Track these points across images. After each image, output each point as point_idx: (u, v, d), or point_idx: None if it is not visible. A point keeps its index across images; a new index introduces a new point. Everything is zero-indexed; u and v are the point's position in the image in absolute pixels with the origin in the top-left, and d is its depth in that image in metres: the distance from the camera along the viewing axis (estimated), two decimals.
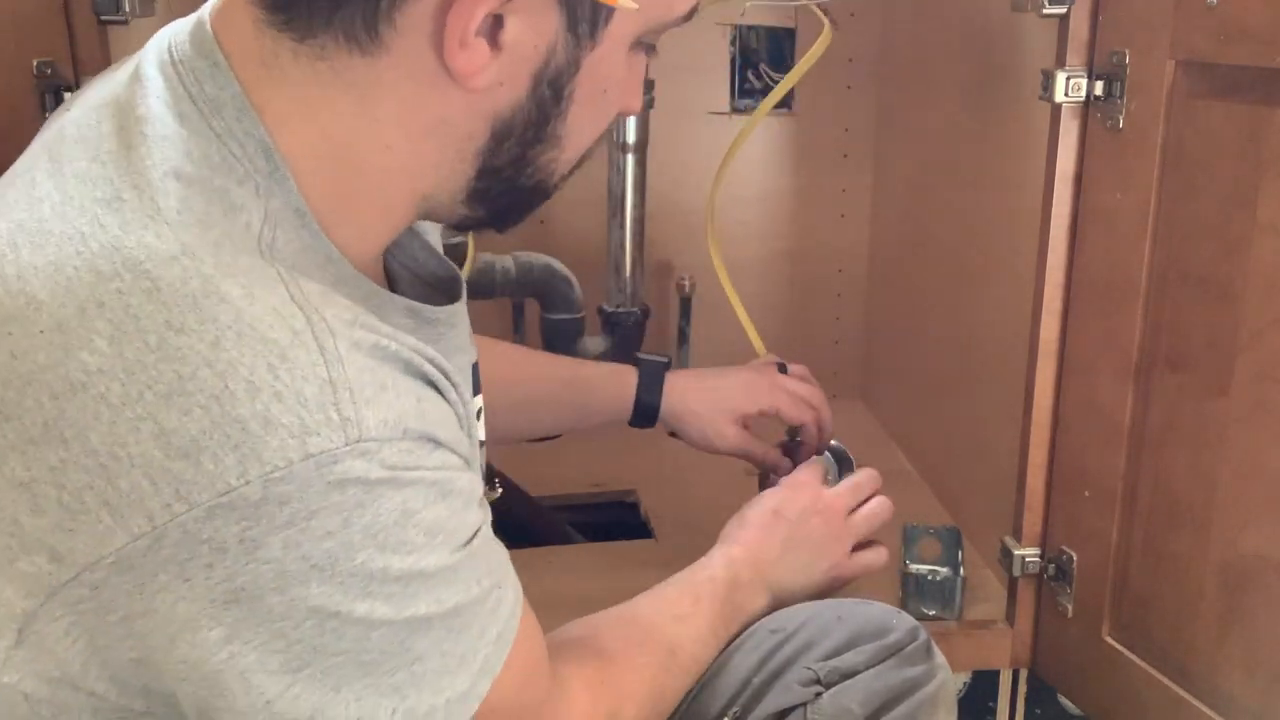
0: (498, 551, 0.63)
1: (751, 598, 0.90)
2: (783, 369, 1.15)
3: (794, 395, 1.11)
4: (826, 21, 1.17)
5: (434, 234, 0.78)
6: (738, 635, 0.87)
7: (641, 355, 1.10)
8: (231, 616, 0.52)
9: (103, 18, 1.06)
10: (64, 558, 0.51)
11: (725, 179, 1.26)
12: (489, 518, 0.63)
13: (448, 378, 0.60)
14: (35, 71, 1.06)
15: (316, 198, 0.59)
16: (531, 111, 0.61)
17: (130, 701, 0.56)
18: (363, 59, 0.57)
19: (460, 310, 0.72)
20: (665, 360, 1.09)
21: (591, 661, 0.76)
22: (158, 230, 0.53)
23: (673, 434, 1.12)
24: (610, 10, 0.60)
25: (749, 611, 0.89)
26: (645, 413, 1.08)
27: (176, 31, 0.61)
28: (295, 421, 0.50)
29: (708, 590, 0.87)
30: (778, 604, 0.91)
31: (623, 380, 1.08)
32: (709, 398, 1.09)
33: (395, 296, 0.64)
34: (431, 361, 0.59)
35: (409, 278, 0.74)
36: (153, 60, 0.60)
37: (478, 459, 0.63)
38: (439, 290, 0.74)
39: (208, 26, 0.59)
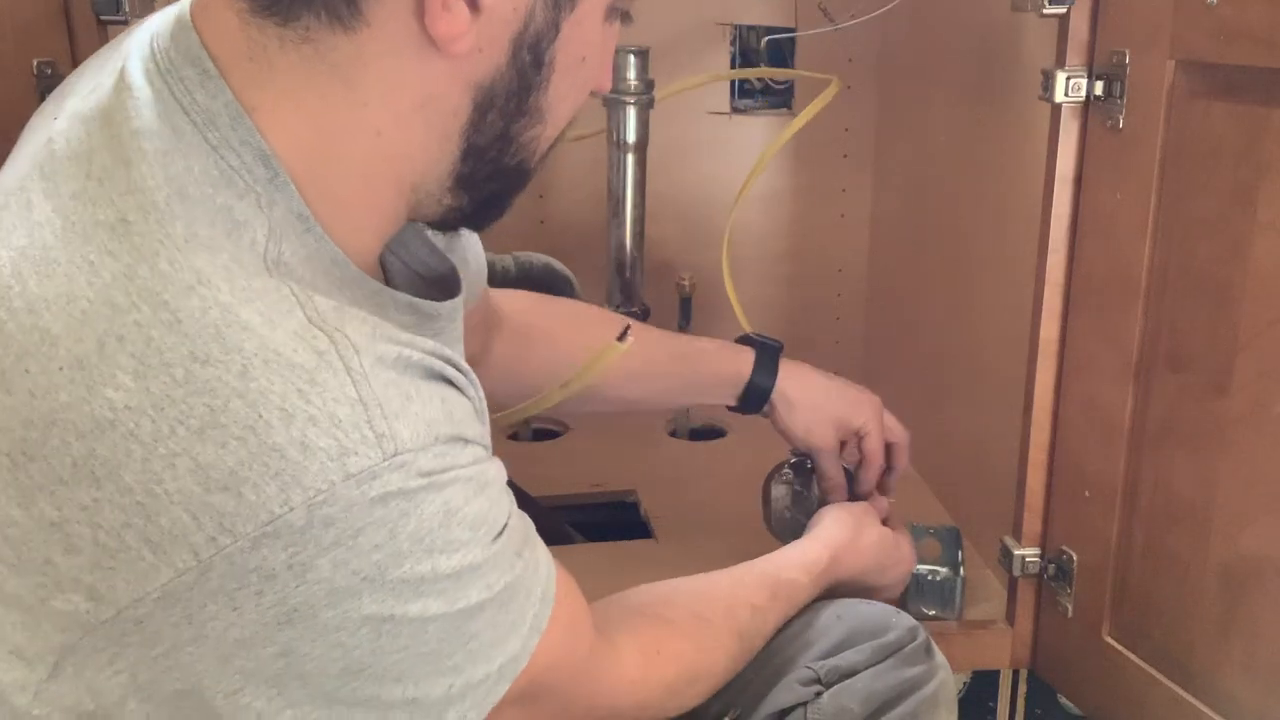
0: (526, 525, 0.64)
1: (816, 591, 0.91)
2: None
3: (887, 428, 1.10)
4: (835, 80, 1.18)
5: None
6: None
7: (755, 335, 1.09)
8: (286, 636, 0.52)
9: (103, 18, 1.06)
10: (104, 596, 0.51)
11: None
12: (513, 500, 0.63)
13: (463, 374, 0.61)
14: (35, 71, 1.06)
15: (315, 199, 0.59)
16: (513, 80, 0.61)
17: None
18: (345, 35, 0.57)
19: (459, 305, 0.72)
20: (779, 344, 1.08)
21: (651, 629, 0.76)
22: (170, 257, 0.53)
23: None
24: None
25: (802, 601, 0.89)
26: (756, 395, 1.06)
27: (157, 31, 0.60)
28: (333, 444, 0.50)
29: (786, 592, 0.86)
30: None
31: (738, 358, 1.06)
32: (819, 397, 1.07)
33: (396, 293, 0.64)
34: (448, 361, 0.59)
35: (406, 273, 0.74)
36: (137, 65, 0.59)
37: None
38: (435, 285, 0.74)
39: (190, 26, 0.58)
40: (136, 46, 0.60)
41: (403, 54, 0.58)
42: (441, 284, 0.75)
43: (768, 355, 1.06)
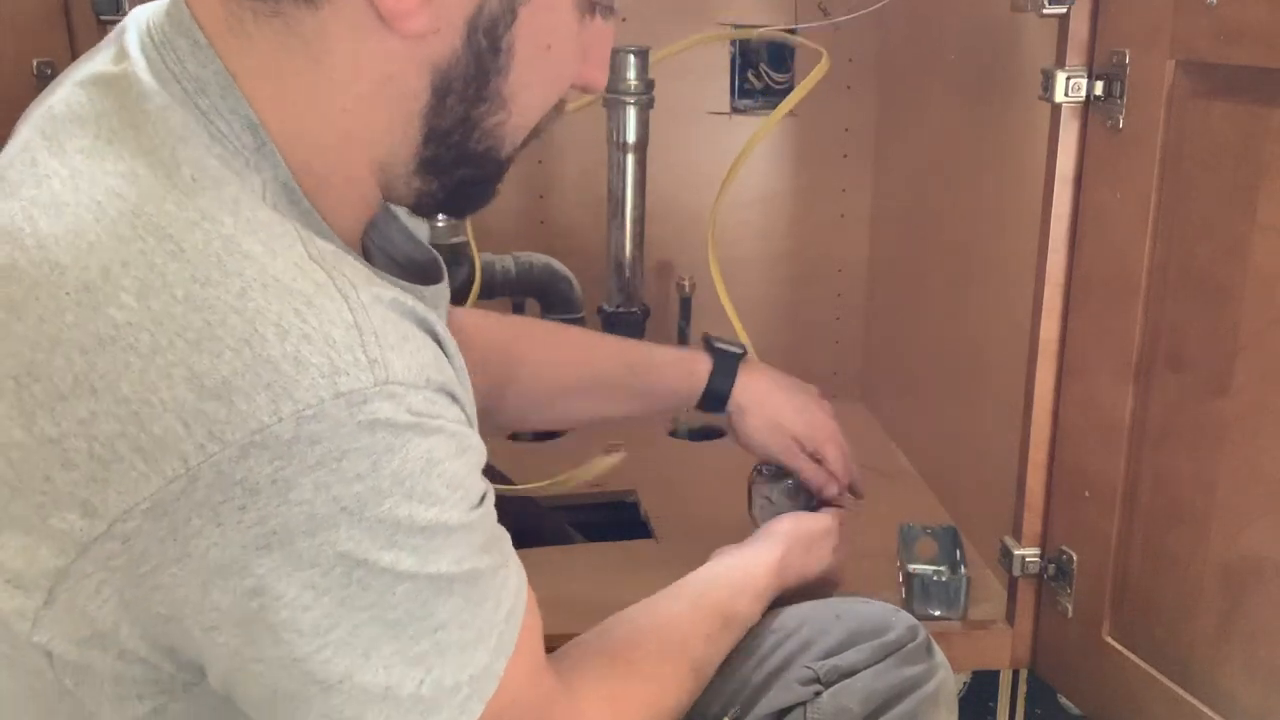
0: (501, 530, 0.64)
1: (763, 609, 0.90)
2: None
3: (836, 457, 1.09)
4: (825, 54, 1.18)
5: (421, 225, 0.79)
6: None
7: (715, 340, 1.08)
8: (263, 566, 0.53)
9: (103, 18, 1.06)
10: (96, 510, 0.52)
11: (716, 203, 1.26)
12: (492, 492, 0.63)
13: (453, 347, 0.62)
14: (35, 71, 1.06)
15: (299, 172, 0.60)
16: (469, 64, 0.62)
17: (160, 660, 0.57)
18: (309, 10, 0.59)
19: (443, 291, 0.74)
20: (742, 351, 1.08)
21: (616, 677, 0.75)
22: (176, 199, 0.54)
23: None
24: None
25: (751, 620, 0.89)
26: (715, 398, 1.06)
27: (154, 11, 0.62)
28: (325, 362, 0.52)
29: (738, 622, 0.86)
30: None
31: (694, 366, 1.06)
32: (776, 410, 1.07)
33: (382, 274, 0.65)
34: (439, 325, 0.61)
35: (385, 261, 0.75)
36: (134, 39, 0.61)
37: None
38: (414, 275, 0.75)
39: (182, 1, 0.61)
40: (133, 24, 0.62)
41: (361, 32, 0.59)
42: (422, 273, 0.76)
43: (726, 361, 1.06)
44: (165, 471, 0.51)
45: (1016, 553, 1.11)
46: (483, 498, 0.61)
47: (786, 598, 0.92)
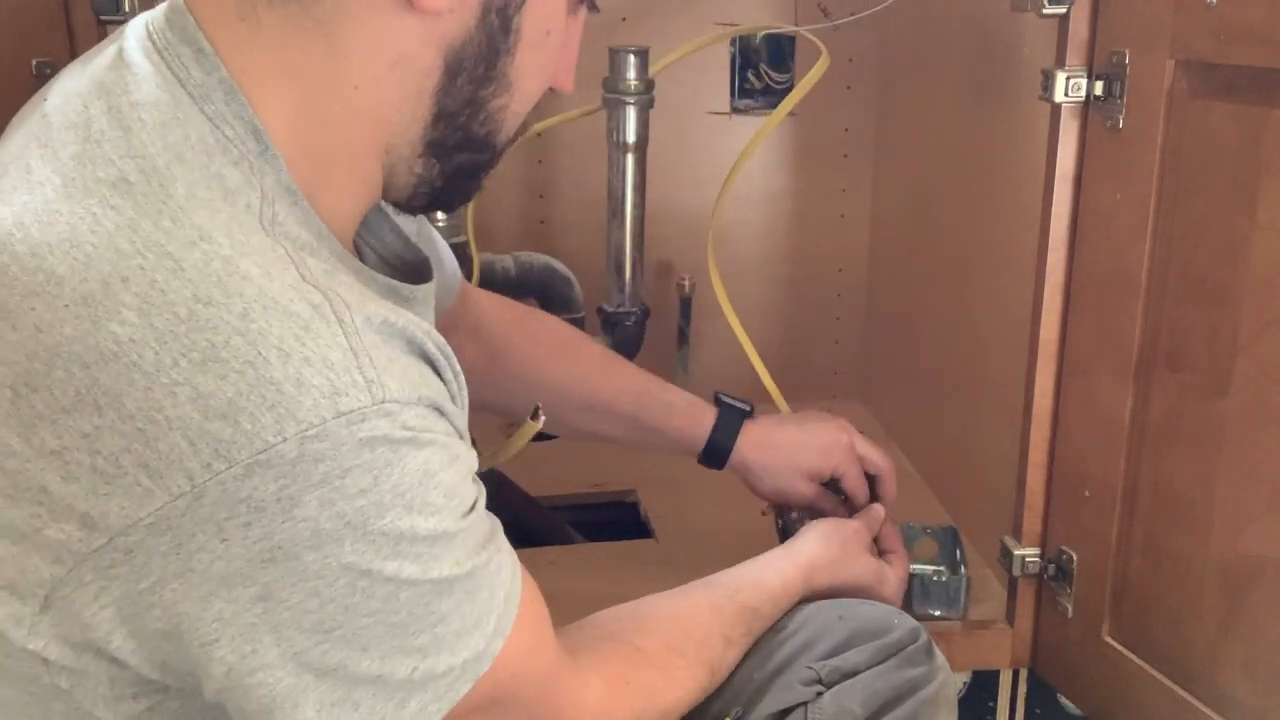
0: (492, 520, 0.65)
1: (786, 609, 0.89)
2: None
3: (865, 460, 1.07)
4: (824, 50, 1.18)
5: (409, 223, 0.80)
6: None
7: (724, 397, 1.06)
8: (268, 575, 0.53)
9: (102, 18, 1.06)
10: (96, 523, 0.52)
11: (719, 203, 1.26)
12: (484, 493, 0.64)
13: (444, 354, 0.62)
14: (35, 71, 1.06)
15: (300, 172, 0.61)
16: (482, 43, 0.64)
17: (149, 672, 0.57)
18: None
19: (431, 291, 0.75)
20: (748, 408, 1.06)
21: (621, 658, 0.76)
22: (172, 215, 0.55)
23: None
24: None
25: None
26: (716, 454, 1.05)
27: (152, 16, 0.63)
28: (325, 383, 0.53)
29: (758, 626, 0.85)
30: None
31: (700, 416, 1.05)
32: (783, 455, 1.05)
33: (375, 274, 0.66)
34: (430, 338, 0.61)
35: (375, 260, 0.76)
36: (134, 45, 0.61)
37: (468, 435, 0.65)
38: (405, 275, 0.75)
39: (184, 9, 0.61)
40: (132, 31, 0.63)
41: (379, 11, 0.61)
42: (412, 272, 0.76)
43: (732, 416, 1.05)
44: (170, 488, 0.52)
45: (1016, 553, 1.11)
46: (475, 502, 0.62)
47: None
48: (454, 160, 0.68)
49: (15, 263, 0.55)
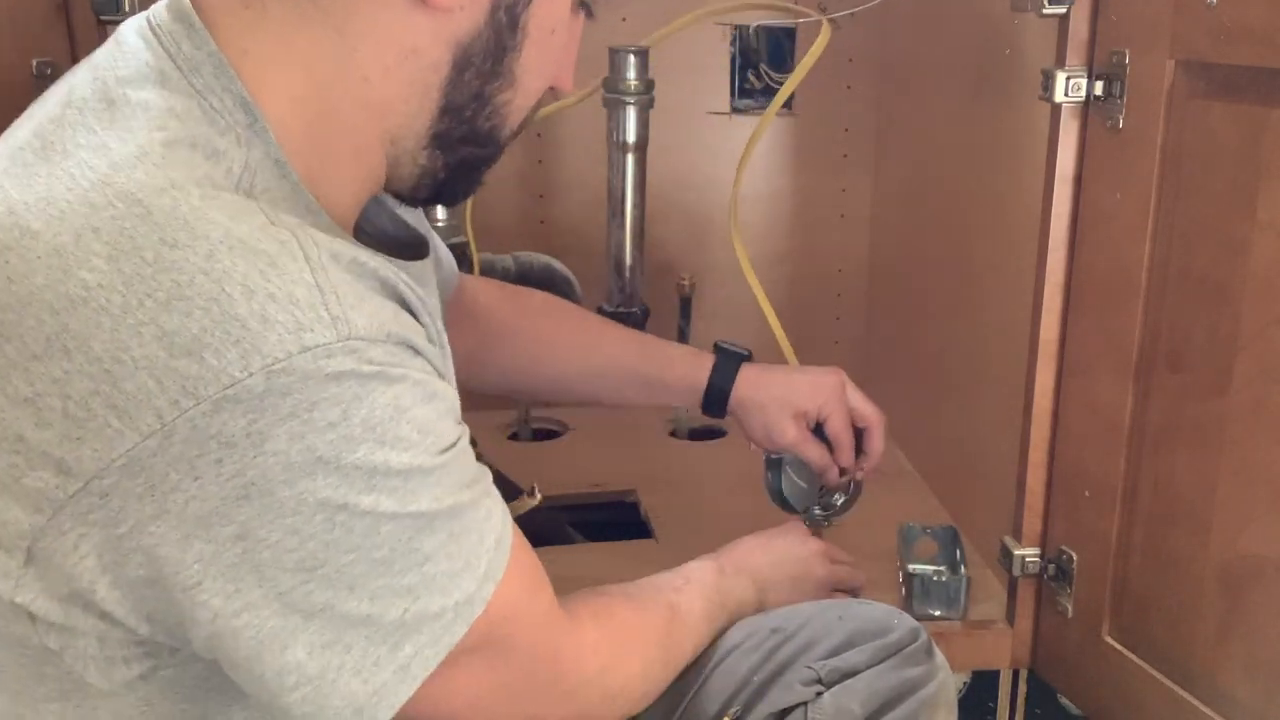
0: (480, 468, 0.66)
1: (738, 586, 0.91)
2: None
3: (854, 410, 1.09)
4: (825, 20, 1.17)
5: (408, 212, 0.81)
6: (727, 627, 0.88)
7: (722, 343, 1.09)
8: (244, 514, 0.54)
9: (102, 18, 1.06)
10: (71, 469, 0.53)
11: (727, 183, 1.26)
12: (467, 433, 0.64)
13: (419, 300, 0.63)
14: (35, 71, 1.06)
15: (295, 151, 0.62)
16: (490, 39, 0.66)
17: (137, 625, 0.57)
18: None
19: (429, 267, 0.76)
20: (745, 352, 1.08)
21: (598, 605, 0.78)
22: (146, 169, 0.56)
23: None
24: None
25: (736, 599, 0.90)
26: (717, 398, 1.07)
27: (155, 7, 0.64)
28: (290, 319, 0.53)
29: (696, 575, 0.88)
30: (762, 596, 0.93)
31: (699, 364, 1.07)
32: (775, 392, 1.07)
33: (371, 250, 0.66)
34: (402, 281, 0.62)
35: (369, 241, 0.76)
36: (131, 27, 0.63)
37: (454, 389, 0.66)
38: (398, 253, 0.76)
39: None
40: (134, 19, 0.65)
41: (392, 6, 0.62)
42: (408, 251, 0.77)
43: (729, 361, 1.07)
44: (140, 428, 0.52)
45: (1016, 553, 1.11)
46: (456, 441, 0.62)
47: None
48: (458, 153, 0.69)
49: None
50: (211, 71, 0.60)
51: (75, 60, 1.05)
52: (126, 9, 1.06)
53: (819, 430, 1.09)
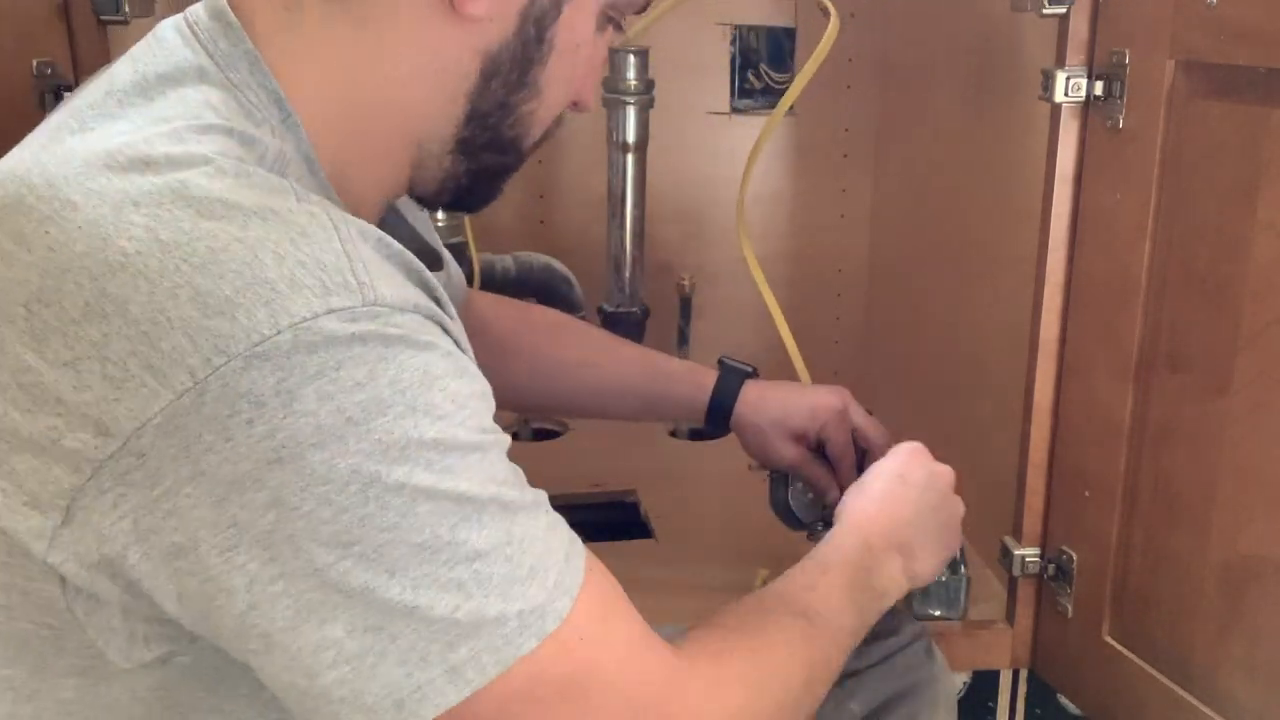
0: (539, 493, 0.64)
1: (883, 561, 0.84)
2: None
3: (858, 431, 1.07)
4: (834, 11, 1.17)
5: (422, 225, 0.81)
6: (880, 611, 0.83)
7: (726, 359, 1.10)
8: (276, 478, 0.53)
9: (103, 18, 1.06)
10: (109, 428, 0.53)
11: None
12: (509, 441, 0.63)
13: (441, 292, 0.63)
14: (35, 71, 1.06)
15: (324, 149, 0.64)
16: (517, 51, 0.68)
17: (164, 600, 0.56)
18: None
19: (442, 280, 0.76)
20: (749, 369, 1.08)
21: (712, 637, 0.71)
22: (183, 148, 0.58)
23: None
24: None
25: (884, 575, 0.84)
26: (718, 415, 1.07)
27: (193, 7, 0.66)
28: (317, 283, 0.54)
29: (835, 558, 0.82)
30: (909, 567, 0.87)
31: (701, 380, 1.08)
32: (773, 415, 1.07)
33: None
34: (426, 271, 0.62)
35: None
36: (168, 24, 0.65)
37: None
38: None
39: None
40: (171, 18, 0.66)
41: (425, 15, 0.64)
42: (426, 261, 0.77)
43: (732, 377, 1.07)
44: (174, 385, 0.53)
45: (1016, 553, 1.11)
46: (498, 432, 0.61)
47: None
48: (480, 160, 0.71)
49: (32, 193, 0.57)
50: (247, 68, 0.62)
51: (75, 60, 1.06)
52: (126, 9, 1.06)
53: (822, 449, 1.08)
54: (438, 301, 0.62)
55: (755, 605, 0.75)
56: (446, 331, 0.60)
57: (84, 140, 0.59)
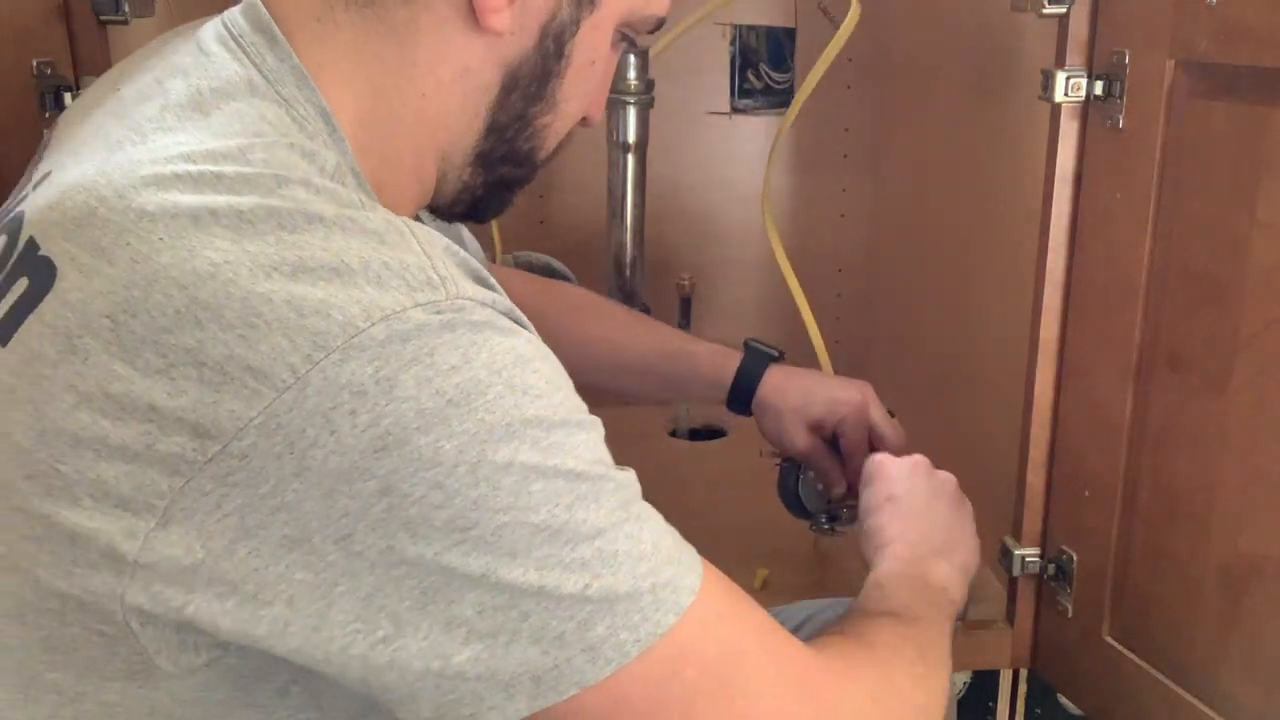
0: (629, 469, 0.64)
1: (930, 565, 0.88)
2: None
3: (873, 430, 1.08)
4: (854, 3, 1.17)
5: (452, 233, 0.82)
6: (944, 597, 0.86)
7: (753, 341, 1.10)
8: (384, 466, 0.54)
9: (102, 18, 1.06)
10: (209, 431, 0.54)
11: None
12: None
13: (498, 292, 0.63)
14: (35, 72, 1.06)
15: (365, 164, 0.66)
16: (537, 64, 0.70)
17: (260, 604, 0.55)
18: (404, 6, 0.66)
19: None
20: (776, 353, 1.09)
21: (855, 645, 0.73)
22: (253, 163, 0.59)
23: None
24: None
25: (937, 574, 0.87)
26: (741, 397, 1.08)
27: (227, 14, 0.67)
28: (402, 283, 0.56)
29: (886, 580, 0.85)
30: (955, 562, 0.90)
31: (726, 362, 1.09)
32: (793, 401, 1.08)
33: None
34: (493, 286, 0.62)
35: None
36: (211, 36, 0.66)
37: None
38: None
39: (257, 2, 0.66)
40: (209, 26, 0.68)
41: (450, 27, 0.66)
42: None
43: (756, 359, 1.08)
44: (276, 383, 0.53)
45: (1016, 553, 1.11)
46: (594, 421, 0.61)
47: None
48: (496, 172, 0.74)
49: (104, 205, 0.57)
50: (294, 83, 0.64)
51: (75, 61, 1.06)
52: (126, 9, 1.06)
53: (836, 441, 1.08)
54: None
55: (839, 620, 0.79)
56: (525, 326, 0.61)
57: (148, 151, 0.60)
